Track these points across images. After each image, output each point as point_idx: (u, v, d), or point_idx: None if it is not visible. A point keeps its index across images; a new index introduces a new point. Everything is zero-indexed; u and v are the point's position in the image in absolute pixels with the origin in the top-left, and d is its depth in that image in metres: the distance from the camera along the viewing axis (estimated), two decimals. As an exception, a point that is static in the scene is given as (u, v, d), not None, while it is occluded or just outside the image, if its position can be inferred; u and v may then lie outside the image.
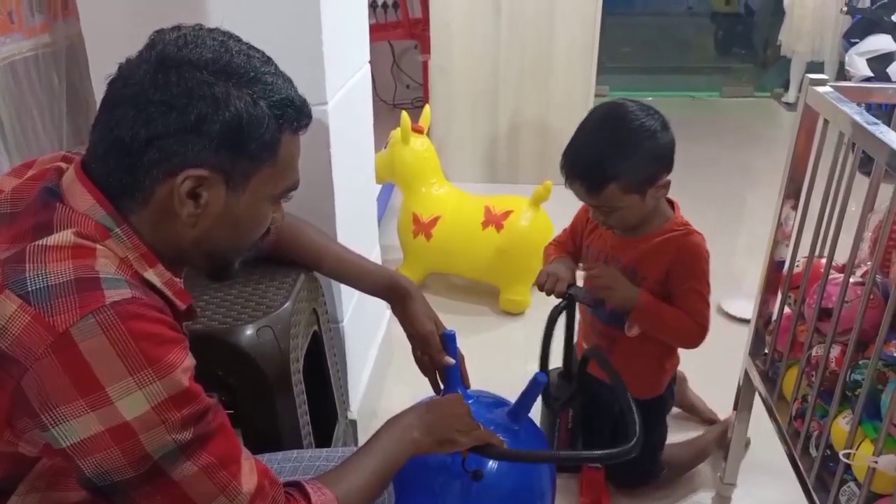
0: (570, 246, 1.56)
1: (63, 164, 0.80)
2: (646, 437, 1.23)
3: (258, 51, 0.79)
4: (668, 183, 1.32)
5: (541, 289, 1.45)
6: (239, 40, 0.78)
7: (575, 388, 1.48)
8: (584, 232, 1.52)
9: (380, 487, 0.93)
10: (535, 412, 1.34)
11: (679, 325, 1.38)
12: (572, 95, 3.24)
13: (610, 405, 1.48)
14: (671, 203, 1.43)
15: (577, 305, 1.52)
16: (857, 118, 1.07)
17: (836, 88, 1.22)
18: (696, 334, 1.39)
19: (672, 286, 1.38)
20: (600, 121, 1.32)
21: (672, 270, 1.37)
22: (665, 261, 1.37)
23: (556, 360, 1.56)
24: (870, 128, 1.03)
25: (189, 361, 0.72)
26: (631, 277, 1.40)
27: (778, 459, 1.31)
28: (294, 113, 0.78)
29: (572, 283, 1.45)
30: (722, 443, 1.69)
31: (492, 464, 1.15)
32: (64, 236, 0.71)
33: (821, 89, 1.22)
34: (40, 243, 0.70)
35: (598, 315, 1.49)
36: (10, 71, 1.57)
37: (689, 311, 1.37)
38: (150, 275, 0.76)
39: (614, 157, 1.26)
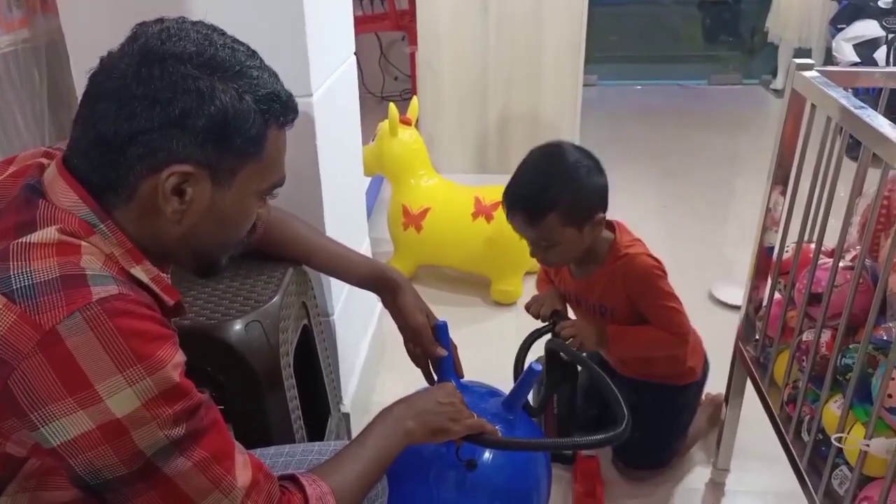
0: (549, 280, 1.62)
1: (44, 160, 0.79)
2: (672, 420, 1.32)
3: (243, 44, 0.77)
4: (603, 220, 1.37)
5: (527, 310, 1.53)
6: (223, 33, 0.77)
7: (556, 378, 1.49)
8: (552, 275, 1.58)
9: (374, 478, 0.93)
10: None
11: (657, 341, 1.43)
12: (561, 86, 3.23)
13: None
14: (612, 227, 1.45)
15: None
16: (845, 102, 1.07)
17: (823, 73, 1.22)
18: (676, 343, 1.44)
19: (641, 309, 1.43)
20: (540, 157, 1.37)
21: (631, 295, 1.41)
22: (620, 290, 1.41)
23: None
24: (857, 112, 1.03)
25: (179, 357, 0.71)
26: (602, 314, 1.47)
27: (770, 445, 1.32)
28: (280, 108, 0.77)
29: (557, 310, 1.51)
30: (714, 420, 1.70)
31: (486, 454, 1.15)
32: (48, 233, 0.69)
33: (808, 74, 1.22)
34: (24, 241, 0.68)
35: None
36: (-10, 67, 1.56)
37: (664, 326, 1.42)
38: (137, 271, 0.75)
39: (555, 187, 1.31)
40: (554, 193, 1.30)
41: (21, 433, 0.66)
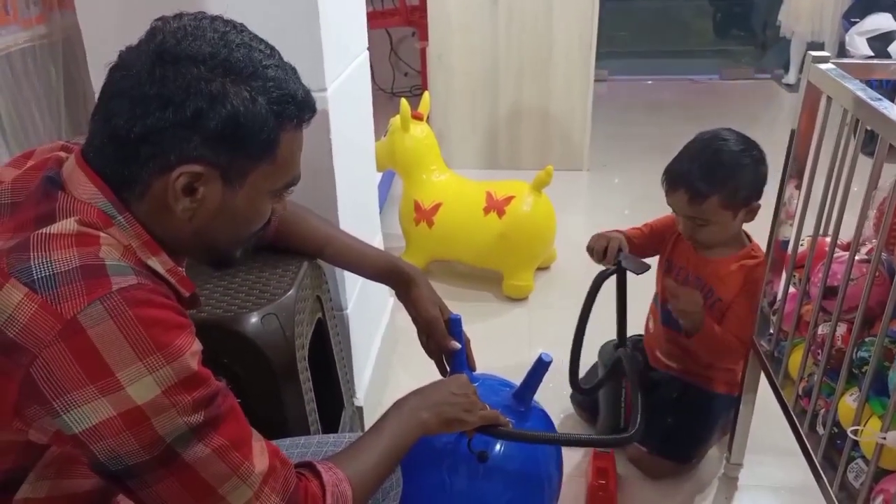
0: (641, 240, 1.61)
1: (63, 154, 0.80)
2: (706, 419, 1.52)
3: (262, 42, 0.77)
4: (758, 208, 1.45)
5: (590, 251, 1.53)
6: (242, 31, 0.76)
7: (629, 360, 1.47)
8: (668, 245, 1.62)
9: (389, 468, 0.94)
10: (542, 395, 1.34)
11: (727, 345, 1.49)
12: (572, 81, 3.23)
13: (667, 391, 1.62)
14: (747, 234, 1.54)
15: (648, 316, 1.66)
16: (861, 94, 1.07)
17: (838, 65, 1.21)
18: (738, 353, 1.50)
19: (735, 300, 1.49)
20: (709, 141, 1.45)
21: (742, 292, 1.49)
22: (738, 286, 1.49)
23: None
24: (873, 103, 1.03)
25: (197, 346, 0.72)
26: (706, 294, 1.52)
27: (784, 439, 1.32)
28: (295, 109, 0.77)
29: (622, 251, 1.50)
30: (725, 428, 1.69)
31: (498, 445, 1.16)
32: (67, 224, 0.70)
33: (823, 66, 1.21)
34: (44, 232, 0.69)
35: (663, 319, 1.61)
36: (6, 62, 1.57)
37: (740, 324, 1.47)
38: (154, 262, 0.76)
39: (720, 173, 1.40)
40: (718, 179, 1.40)
41: (43, 420, 0.67)
